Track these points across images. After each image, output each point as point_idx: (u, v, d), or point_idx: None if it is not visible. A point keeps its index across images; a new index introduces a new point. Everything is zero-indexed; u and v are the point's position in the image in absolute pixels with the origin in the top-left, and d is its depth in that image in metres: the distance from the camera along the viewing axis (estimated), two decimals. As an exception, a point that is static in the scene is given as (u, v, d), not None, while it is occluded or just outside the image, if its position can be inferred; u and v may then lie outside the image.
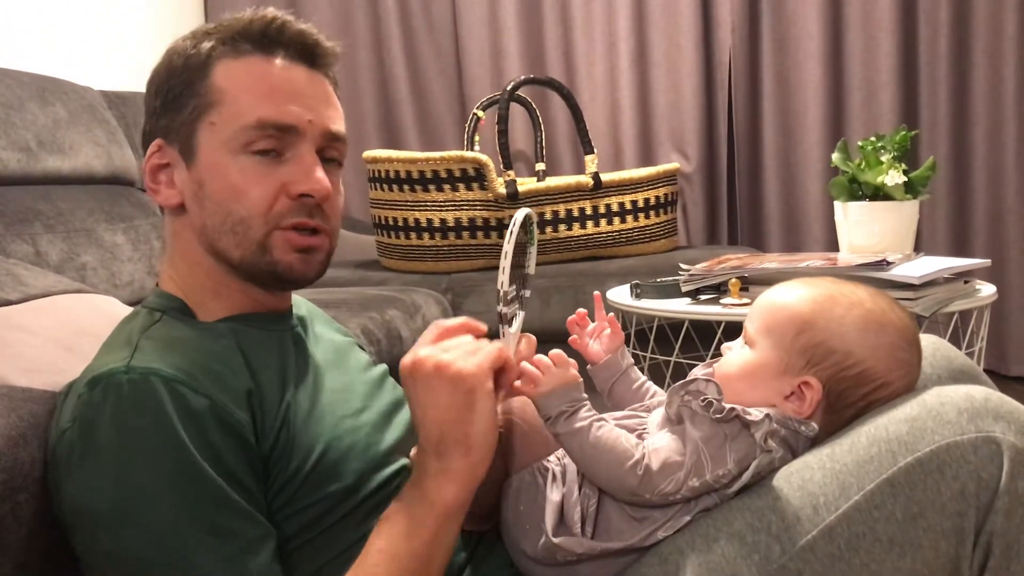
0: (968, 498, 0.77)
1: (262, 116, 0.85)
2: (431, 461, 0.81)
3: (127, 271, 1.97)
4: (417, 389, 0.81)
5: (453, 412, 0.80)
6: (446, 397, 0.80)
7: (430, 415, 0.81)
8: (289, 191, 0.86)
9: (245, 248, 0.86)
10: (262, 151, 0.86)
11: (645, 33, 3.08)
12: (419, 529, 0.80)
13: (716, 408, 0.82)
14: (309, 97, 0.89)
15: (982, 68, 2.87)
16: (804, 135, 3.02)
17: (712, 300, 1.81)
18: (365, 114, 3.26)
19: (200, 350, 0.82)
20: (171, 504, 0.74)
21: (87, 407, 0.76)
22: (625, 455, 0.82)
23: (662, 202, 2.67)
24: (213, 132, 0.86)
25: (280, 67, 0.88)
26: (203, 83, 0.86)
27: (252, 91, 0.86)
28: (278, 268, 0.87)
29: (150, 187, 0.91)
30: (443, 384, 0.80)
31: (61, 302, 1.14)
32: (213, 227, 0.87)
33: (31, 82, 1.99)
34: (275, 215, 0.86)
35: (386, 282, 2.49)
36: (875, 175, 2.00)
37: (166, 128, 0.88)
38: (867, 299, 0.89)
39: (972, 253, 2.91)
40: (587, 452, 0.83)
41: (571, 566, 0.85)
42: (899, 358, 0.88)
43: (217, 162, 0.86)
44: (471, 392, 0.80)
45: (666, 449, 0.83)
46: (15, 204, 1.82)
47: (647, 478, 0.81)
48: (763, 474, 0.83)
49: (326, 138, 0.90)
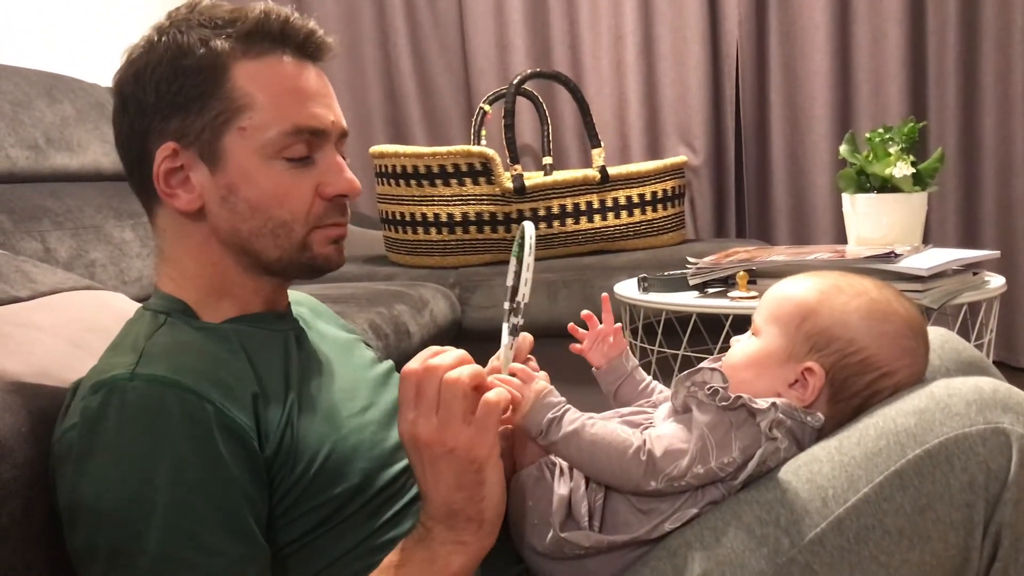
0: (977, 489, 0.77)
1: (297, 122, 0.86)
2: (441, 530, 0.80)
3: (136, 267, 1.97)
4: (424, 467, 0.79)
5: (464, 491, 0.78)
6: (456, 477, 0.78)
7: (440, 492, 0.79)
8: (324, 193, 0.88)
9: (285, 248, 0.88)
10: (298, 158, 0.87)
11: (651, 26, 3.07)
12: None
13: (722, 396, 0.83)
14: (326, 96, 0.90)
15: (991, 59, 2.86)
16: (812, 127, 3.01)
17: (720, 293, 1.81)
18: (371, 109, 3.26)
19: (205, 355, 0.82)
20: (166, 512, 0.74)
21: (90, 411, 0.77)
22: (624, 444, 0.83)
23: (669, 195, 2.66)
24: (244, 138, 0.85)
25: (295, 66, 0.88)
26: (224, 86, 0.85)
27: (281, 95, 0.86)
28: (317, 261, 0.90)
29: (164, 192, 0.87)
30: (451, 465, 0.77)
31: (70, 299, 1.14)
32: (250, 230, 0.87)
33: (39, 80, 2.00)
34: (314, 217, 0.88)
35: (394, 277, 2.49)
36: (883, 167, 1.99)
37: (180, 131, 0.86)
38: (872, 289, 0.90)
39: (981, 245, 2.90)
40: (586, 452, 0.83)
41: (579, 560, 0.85)
42: (903, 347, 0.88)
43: (250, 168, 0.86)
44: (481, 470, 0.78)
45: (669, 436, 0.83)
46: (24, 201, 1.83)
47: (651, 464, 0.82)
48: (769, 465, 0.83)
49: (340, 135, 0.91)
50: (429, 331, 2.12)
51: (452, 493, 0.78)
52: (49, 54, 2.39)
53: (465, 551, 0.79)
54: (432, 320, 2.16)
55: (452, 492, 0.78)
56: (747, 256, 1.85)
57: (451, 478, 0.78)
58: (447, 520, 0.79)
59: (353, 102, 3.25)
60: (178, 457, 0.75)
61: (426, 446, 0.78)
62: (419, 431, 0.78)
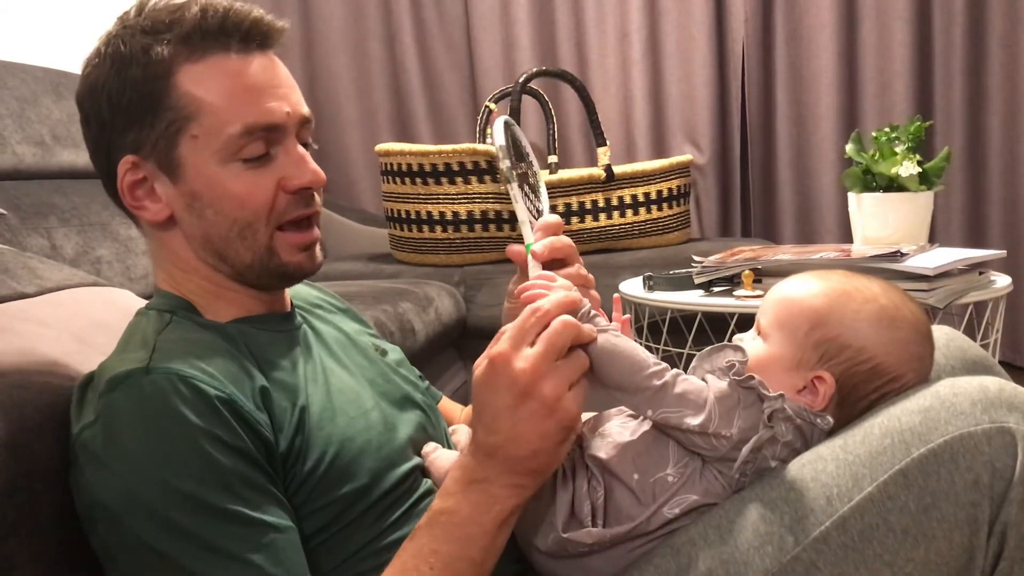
0: (982, 488, 0.76)
1: (247, 122, 0.84)
2: (501, 472, 0.78)
3: (142, 264, 1.98)
4: (512, 403, 0.76)
5: (549, 442, 0.77)
6: (546, 427, 0.76)
7: (520, 433, 0.77)
8: (286, 187, 0.87)
9: (256, 252, 0.87)
10: (256, 157, 0.85)
11: (657, 24, 3.07)
12: (481, 538, 0.79)
13: (737, 371, 0.83)
14: (278, 87, 0.87)
15: (997, 58, 2.85)
16: (817, 126, 3.00)
17: (725, 292, 1.81)
18: (377, 107, 3.26)
19: (216, 350, 0.82)
20: (198, 497, 0.74)
21: (110, 407, 0.77)
22: (645, 363, 0.82)
23: (675, 194, 2.66)
24: (198, 144, 0.84)
25: (241, 61, 0.85)
26: (172, 94, 0.84)
27: (228, 96, 0.84)
28: (288, 269, 0.89)
29: (132, 205, 0.88)
30: (547, 415, 0.76)
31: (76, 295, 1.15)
32: (219, 235, 0.87)
33: (45, 77, 2.00)
34: (276, 214, 0.87)
35: (399, 275, 2.49)
36: (889, 166, 1.99)
37: (136, 143, 0.85)
38: (880, 294, 0.89)
39: (987, 244, 2.89)
40: (605, 356, 0.82)
41: (583, 559, 0.85)
42: (912, 352, 0.88)
43: (209, 174, 0.85)
44: (569, 430, 0.78)
45: (694, 386, 0.83)
46: (31, 198, 1.84)
47: (661, 393, 0.81)
48: (766, 455, 0.83)
49: (301, 124, 0.89)
50: (434, 329, 2.13)
51: (537, 443, 0.77)
52: (56, 51, 2.40)
53: (522, 494, 0.79)
54: (437, 318, 2.17)
55: (537, 442, 0.77)
56: (752, 255, 1.85)
57: (544, 428, 0.76)
58: (511, 463, 0.78)
59: (359, 99, 3.25)
60: (202, 446, 0.75)
61: (533, 387, 0.76)
62: (524, 370, 0.76)
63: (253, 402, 0.80)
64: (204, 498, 0.74)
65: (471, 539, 0.78)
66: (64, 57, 2.38)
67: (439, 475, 0.93)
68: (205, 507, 0.74)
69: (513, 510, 0.80)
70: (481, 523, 0.79)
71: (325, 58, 3.23)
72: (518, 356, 0.77)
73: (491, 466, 0.79)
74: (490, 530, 0.79)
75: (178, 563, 0.73)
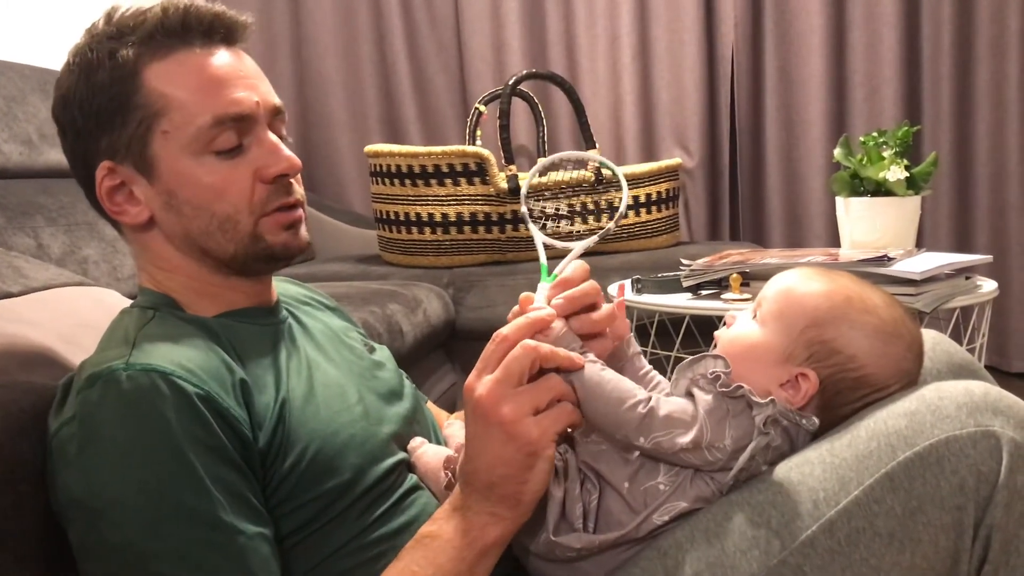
0: (967, 492, 0.77)
1: (216, 112, 0.85)
2: (478, 500, 0.80)
3: (129, 264, 1.97)
4: (478, 430, 0.79)
5: (512, 468, 0.78)
6: (507, 452, 0.78)
7: (485, 460, 0.79)
8: (262, 176, 0.87)
9: (238, 242, 0.88)
10: (228, 149, 0.86)
11: (647, 28, 3.08)
12: (458, 564, 0.79)
13: (723, 382, 0.83)
14: (245, 77, 0.88)
15: (985, 63, 2.87)
16: (806, 130, 3.01)
17: (713, 295, 1.81)
18: (367, 108, 3.25)
19: (196, 346, 0.82)
20: (172, 498, 0.74)
21: (87, 403, 0.76)
22: (629, 393, 0.82)
23: (664, 197, 2.66)
24: (169, 140, 0.85)
25: (205, 55, 0.86)
26: (139, 94, 0.85)
27: (195, 89, 0.85)
28: (274, 250, 0.89)
29: (112, 210, 0.89)
30: (506, 440, 0.77)
31: (62, 295, 1.14)
32: (199, 230, 0.87)
33: (32, 75, 1.99)
34: (258, 203, 0.88)
35: (387, 276, 2.49)
36: (877, 171, 1.99)
37: (110, 148, 0.87)
38: (882, 307, 0.89)
39: (974, 249, 2.91)
40: (590, 389, 0.82)
41: (572, 563, 0.85)
42: (902, 368, 0.88)
43: (182, 169, 0.86)
44: (533, 456, 0.78)
45: (677, 405, 0.83)
46: (17, 197, 1.83)
47: (648, 420, 0.81)
48: (759, 461, 0.83)
49: (272, 114, 0.90)
50: (423, 331, 2.12)
51: (498, 466, 0.78)
52: (43, 49, 2.39)
53: (500, 524, 0.80)
54: (426, 320, 2.16)
55: (499, 466, 0.78)
56: (740, 258, 1.85)
57: (502, 451, 0.77)
58: (486, 492, 0.79)
59: (349, 101, 3.24)
60: (179, 444, 0.74)
61: (490, 410, 0.77)
62: (486, 394, 0.77)
63: (233, 397, 0.80)
64: (179, 499, 0.74)
65: (451, 564, 0.79)
66: (51, 55, 2.36)
67: (425, 470, 0.93)
68: (179, 508, 0.74)
69: (496, 540, 0.80)
70: (459, 549, 0.79)
71: (315, 59, 3.23)
72: (479, 383, 0.78)
73: (468, 493, 0.80)
74: (468, 557, 0.79)
75: (147, 567, 0.73)
